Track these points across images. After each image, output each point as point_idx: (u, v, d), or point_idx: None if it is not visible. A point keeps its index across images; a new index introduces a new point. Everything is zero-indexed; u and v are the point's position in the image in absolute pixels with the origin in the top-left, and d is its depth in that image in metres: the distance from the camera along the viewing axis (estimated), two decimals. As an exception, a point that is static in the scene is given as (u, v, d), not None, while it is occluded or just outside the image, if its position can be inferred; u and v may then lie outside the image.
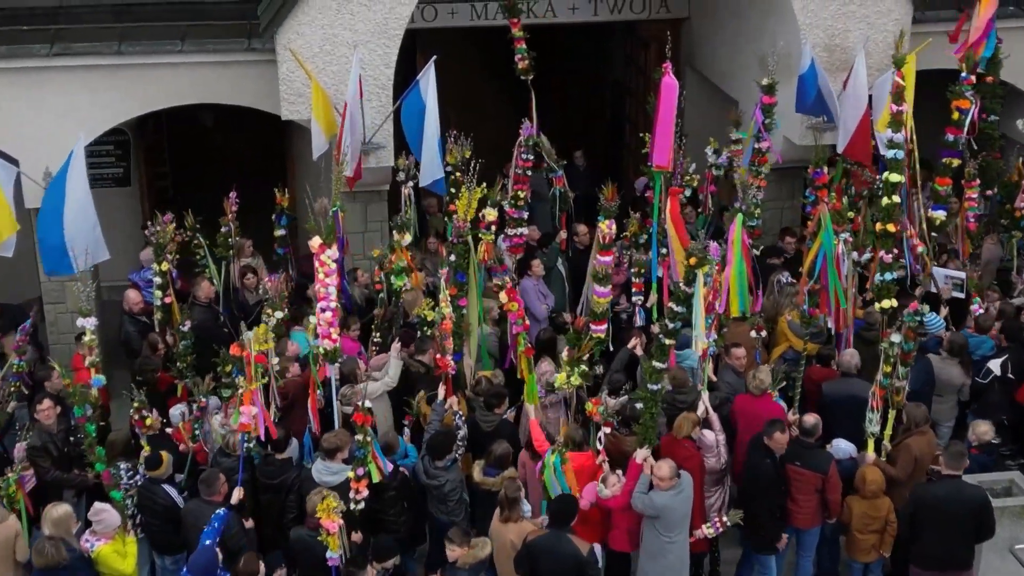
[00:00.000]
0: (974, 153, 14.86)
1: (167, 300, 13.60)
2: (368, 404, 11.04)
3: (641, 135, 15.06)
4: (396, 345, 12.40)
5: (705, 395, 11.92)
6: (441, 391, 11.86)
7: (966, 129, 14.25)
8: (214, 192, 20.05)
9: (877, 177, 13.84)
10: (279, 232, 14.87)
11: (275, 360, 11.95)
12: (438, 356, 11.94)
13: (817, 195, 12.98)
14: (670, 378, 11.98)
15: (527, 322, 12.41)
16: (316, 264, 11.26)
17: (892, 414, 11.92)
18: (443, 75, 13.67)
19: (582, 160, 17.78)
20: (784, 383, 12.29)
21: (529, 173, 14.57)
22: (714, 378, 12.25)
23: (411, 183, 14.31)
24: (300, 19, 13.65)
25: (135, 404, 11.77)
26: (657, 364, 11.24)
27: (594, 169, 18.09)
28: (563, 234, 15.05)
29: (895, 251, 13.00)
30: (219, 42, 14.16)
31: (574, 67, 20.47)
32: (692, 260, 11.02)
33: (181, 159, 20.22)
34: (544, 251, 15.08)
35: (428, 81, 13.34)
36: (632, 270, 13.88)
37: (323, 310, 11.38)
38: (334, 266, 11.39)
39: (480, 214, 12.90)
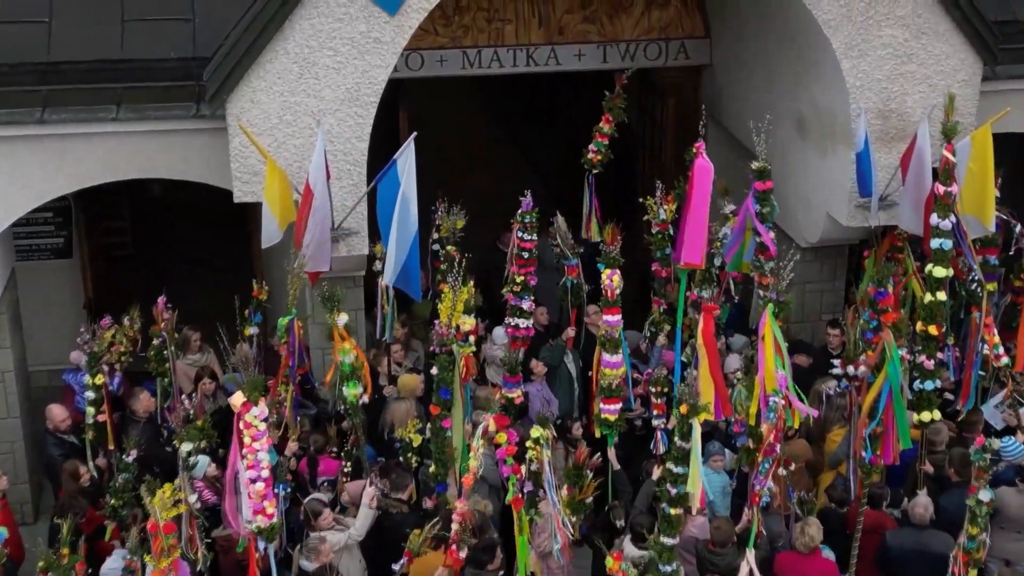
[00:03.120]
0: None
1: (100, 418, 11.52)
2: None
3: (642, 200, 13.05)
4: (370, 491, 10.26)
5: (751, 555, 9.78)
6: None
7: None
8: (179, 245, 18.45)
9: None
10: (251, 331, 12.74)
11: (193, 498, 10.00)
12: (452, 549, 9.65)
13: (880, 320, 10.73)
14: (712, 529, 9.95)
15: (518, 464, 10.25)
16: (240, 426, 9.20)
17: (974, 574, 9.81)
18: (430, 125, 11.62)
19: (591, 227, 15.60)
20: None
21: (535, 254, 12.44)
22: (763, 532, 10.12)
23: None
24: (255, 85, 11.47)
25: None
26: (667, 540, 9.16)
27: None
28: (571, 332, 12.85)
29: (940, 356, 11.14)
30: (161, 108, 11.98)
31: (580, 117, 18.29)
32: (683, 408, 8.97)
33: (142, 209, 18.28)
34: (550, 343, 12.93)
35: (407, 161, 11.15)
36: (652, 388, 11.70)
37: (253, 480, 9.33)
38: (263, 427, 9.36)
39: (456, 324, 10.84)
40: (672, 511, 9.28)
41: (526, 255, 12.32)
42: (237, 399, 9.26)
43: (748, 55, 14.23)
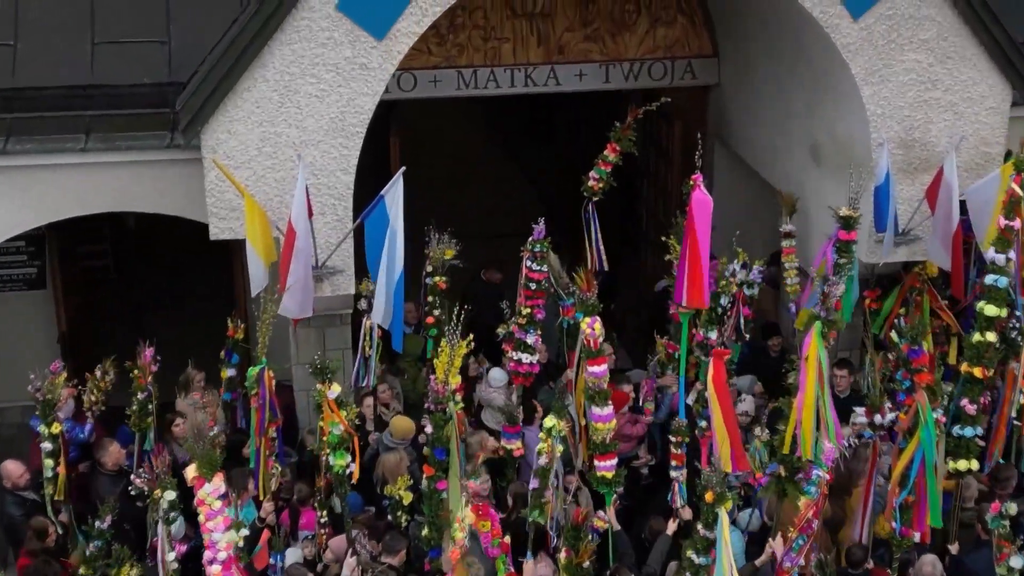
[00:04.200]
0: None
1: (59, 470, 10.81)
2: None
3: (665, 239, 12.38)
4: (351, 561, 9.48)
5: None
6: None
7: None
8: (162, 268, 17.68)
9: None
10: (228, 372, 12.00)
11: (171, 556, 9.34)
12: None
13: (914, 380, 9.93)
14: None
15: (506, 540, 9.49)
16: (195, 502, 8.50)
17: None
18: (424, 142, 10.84)
19: (598, 259, 14.86)
20: None
21: (541, 286, 11.69)
22: None
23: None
24: (231, 115, 10.70)
25: None
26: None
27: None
28: (570, 374, 12.04)
29: (984, 401, 10.33)
30: (133, 137, 11.26)
31: (581, 134, 17.55)
32: (709, 496, 8.21)
33: (123, 232, 17.51)
34: (549, 386, 12.15)
35: (395, 196, 10.39)
36: (672, 438, 10.90)
37: (209, 562, 8.63)
38: (218, 505, 8.70)
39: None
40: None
41: (534, 286, 11.60)
42: (190, 473, 8.49)
43: (759, 76, 13.46)
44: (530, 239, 11.61)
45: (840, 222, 10.80)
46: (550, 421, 9.75)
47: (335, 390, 9.84)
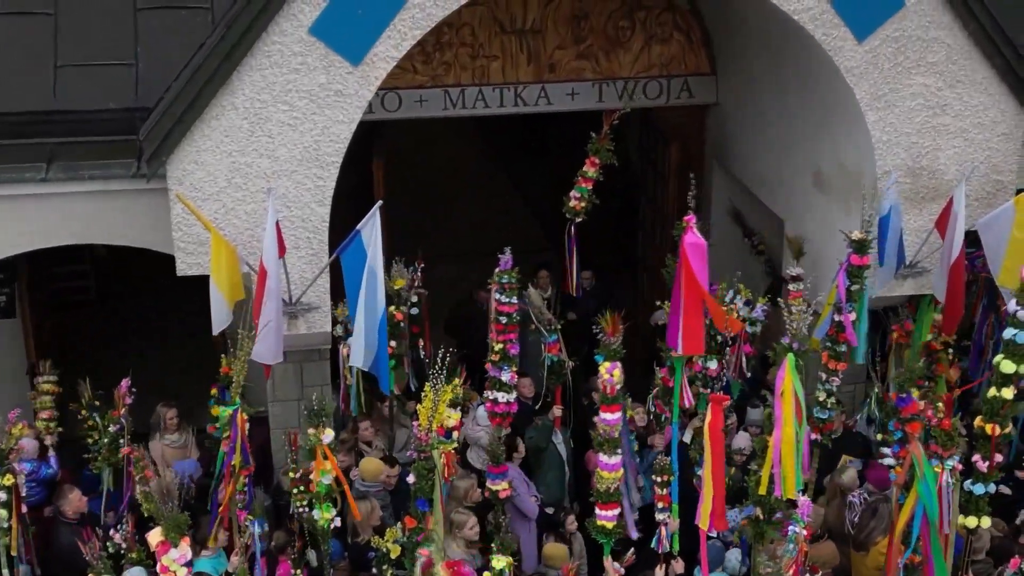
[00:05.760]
0: None
1: (12, 523, 10.16)
2: None
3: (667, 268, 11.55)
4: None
5: None
6: None
7: None
8: (146, 290, 17.12)
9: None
10: (220, 411, 11.33)
11: None
12: None
13: (906, 431, 9.32)
14: None
15: None
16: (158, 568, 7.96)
17: None
18: (414, 158, 10.27)
19: (591, 281, 14.29)
20: None
21: (513, 319, 11.06)
22: None
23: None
24: (199, 144, 10.12)
25: None
26: None
27: (603, 287, 14.55)
28: (557, 411, 11.51)
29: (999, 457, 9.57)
30: (98, 166, 10.71)
31: (576, 149, 16.98)
32: None
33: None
34: (536, 422, 11.59)
35: (372, 231, 9.81)
36: (656, 478, 10.33)
37: None
38: (184, 572, 8.20)
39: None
40: None
41: (504, 320, 10.98)
42: (154, 537, 7.93)
43: (760, 96, 12.86)
44: (496, 270, 11.01)
45: (853, 246, 10.33)
46: (499, 562, 9.17)
47: (329, 435, 9.29)
